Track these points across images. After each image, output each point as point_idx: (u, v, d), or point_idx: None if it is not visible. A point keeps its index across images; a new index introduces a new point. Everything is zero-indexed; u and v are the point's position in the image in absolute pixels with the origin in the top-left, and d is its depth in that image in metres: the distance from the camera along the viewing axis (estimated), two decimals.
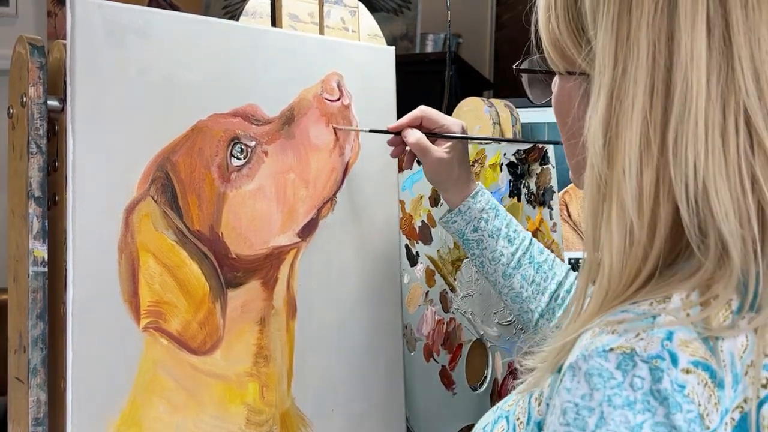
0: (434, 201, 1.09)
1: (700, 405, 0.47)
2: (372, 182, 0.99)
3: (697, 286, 0.51)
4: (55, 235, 0.76)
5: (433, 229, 1.09)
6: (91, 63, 0.76)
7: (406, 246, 1.08)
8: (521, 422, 0.55)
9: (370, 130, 0.96)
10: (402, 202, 1.06)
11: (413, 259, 1.08)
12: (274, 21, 0.95)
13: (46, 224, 0.75)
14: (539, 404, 0.55)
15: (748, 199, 0.51)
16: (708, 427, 0.47)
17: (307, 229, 0.92)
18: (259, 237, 0.87)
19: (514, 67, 0.71)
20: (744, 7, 0.51)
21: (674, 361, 0.48)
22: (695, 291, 0.51)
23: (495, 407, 0.62)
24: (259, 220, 0.87)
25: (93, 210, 0.75)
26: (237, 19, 0.92)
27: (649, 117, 0.52)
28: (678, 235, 0.53)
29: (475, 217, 0.92)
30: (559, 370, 0.53)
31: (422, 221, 1.09)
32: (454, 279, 1.09)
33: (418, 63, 2.21)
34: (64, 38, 0.75)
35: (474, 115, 1.18)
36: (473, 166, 1.11)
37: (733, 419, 0.48)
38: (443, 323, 1.09)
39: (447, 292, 1.10)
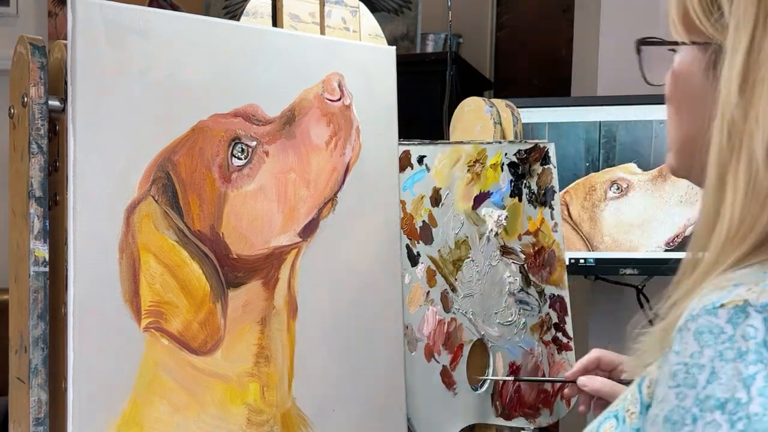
0: (435, 201, 1.09)
1: None
2: (373, 182, 0.99)
3: None
4: (56, 235, 0.76)
5: (434, 229, 1.09)
6: (91, 63, 0.76)
7: (407, 246, 1.08)
8: (632, 413, 0.54)
9: (545, 379, 0.92)
10: (403, 202, 1.06)
11: (414, 259, 1.08)
12: (275, 21, 0.95)
13: (47, 224, 0.75)
14: (649, 387, 0.54)
15: None
16: None
17: (308, 229, 0.92)
18: (259, 237, 0.87)
19: (636, 40, 0.72)
20: None
21: None
22: None
23: (600, 415, 0.61)
24: (260, 220, 0.87)
25: (94, 210, 0.75)
26: (238, 19, 0.92)
27: None
28: None
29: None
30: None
31: (423, 221, 1.09)
32: (455, 279, 1.09)
33: (419, 63, 2.21)
34: (65, 38, 0.75)
35: (475, 115, 1.18)
36: (474, 166, 1.11)
37: None
38: (444, 323, 1.09)
39: (448, 292, 1.09)
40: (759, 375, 0.46)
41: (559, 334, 1.17)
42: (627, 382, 0.91)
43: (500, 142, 1.14)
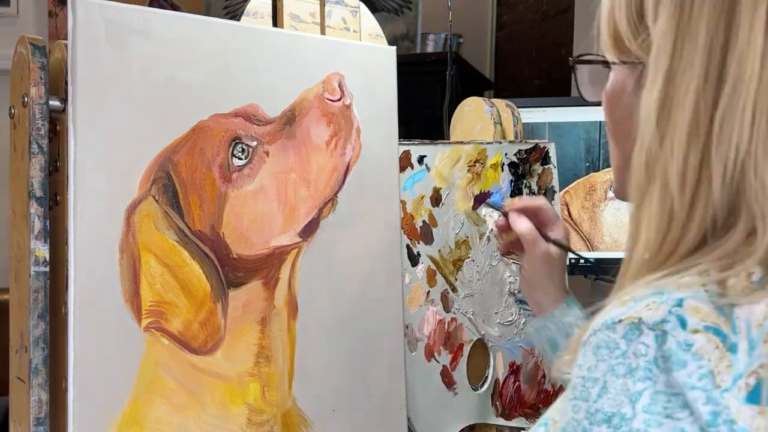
0: (435, 201, 1.09)
1: (710, 361, 0.47)
2: (373, 182, 0.99)
3: (718, 259, 0.51)
4: (56, 235, 0.76)
5: (434, 229, 1.09)
6: (92, 63, 0.76)
7: (407, 246, 1.08)
8: (555, 421, 0.56)
9: (487, 204, 0.94)
10: (403, 202, 1.06)
11: (414, 259, 1.08)
12: (275, 21, 0.95)
13: (48, 224, 0.75)
14: None
15: None
16: (719, 386, 0.46)
17: (309, 229, 0.92)
18: (260, 237, 0.87)
19: (570, 58, 0.72)
20: None
21: (683, 324, 0.47)
22: (716, 264, 0.51)
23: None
24: (260, 220, 0.87)
25: (94, 210, 0.75)
26: (238, 19, 0.92)
27: (701, 100, 0.54)
28: (714, 216, 0.54)
29: (569, 324, 0.90)
30: None
31: (423, 221, 1.09)
32: (456, 279, 1.09)
33: (419, 63, 2.22)
34: (65, 38, 0.75)
35: (475, 115, 1.18)
36: (474, 166, 1.11)
37: (747, 384, 0.47)
38: (444, 323, 1.09)
39: (448, 292, 1.10)
40: (646, 392, 0.47)
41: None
42: (553, 241, 0.91)
43: (500, 142, 1.14)
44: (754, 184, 0.52)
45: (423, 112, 1.91)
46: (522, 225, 0.92)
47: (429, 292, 1.08)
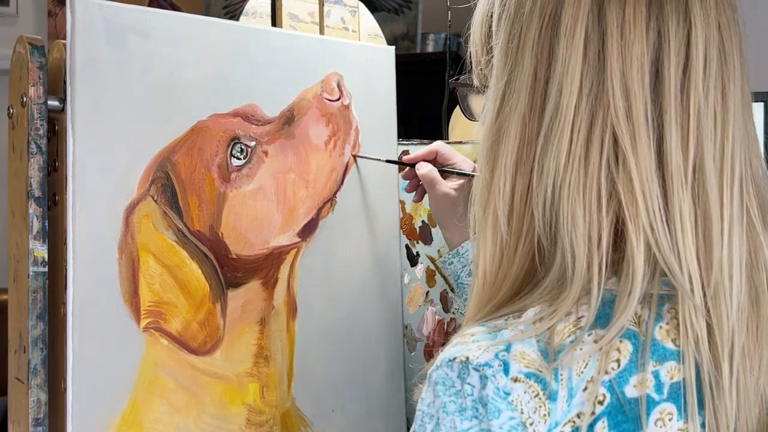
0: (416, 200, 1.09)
1: (523, 413, 0.48)
2: (372, 182, 0.99)
3: (546, 300, 0.52)
4: (55, 235, 0.76)
5: (433, 229, 1.09)
6: (91, 63, 0.76)
7: (407, 246, 1.08)
8: None
9: (387, 161, 0.97)
10: (402, 202, 1.06)
11: (413, 259, 1.08)
12: (275, 21, 0.95)
13: (46, 224, 0.75)
14: None
15: (602, 217, 0.51)
16: None
17: (308, 229, 0.92)
18: (259, 237, 0.87)
19: (450, 81, 0.74)
20: (620, 27, 0.52)
21: (506, 369, 0.49)
22: (545, 305, 0.52)
23: None
24: (259, 220, 0.87)
25: (93, 210, 0.75)
26: (237, 19, 0.92)
27: (526, 128, 0.54)
28: (539, 248, 0.54)
29: (472, 261, 0.91)
30: None
31: (422, 221, 1.09)
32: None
33: (419, 63, 2.21)
34: (65, 38, 0.75)
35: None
36: None
37: None
38: (444, 323, 1.09)
39: (447, 292, 1.09)
40: (472, 430, 0.49)
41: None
42: (448, 171, 0.93)
43: None
44: (567, 216, 0.52)
45: (423, 112, 1.90)
46: (422, 169, 0.93)
47: (428, 292, 1.08)
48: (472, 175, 0.92)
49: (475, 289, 0.57)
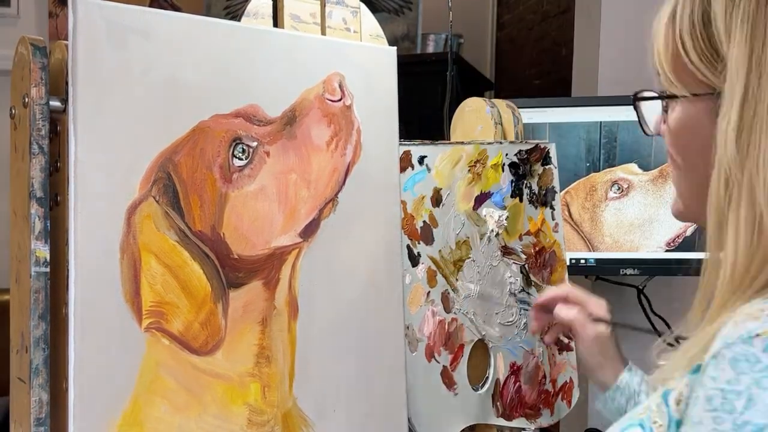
0: (436, 201, 1.09)
1: None
2: (374, 183, 0.99)
3: None
4: (57, 235, 0.76)
5: (434, 230, 1.09)
6: (92, 63, 0.76)
7: (408, 246, 1.08)
8: (660, 425, 0.57)
9: (520, 301, 0.98)
10: (404, 203, 1.06)
11: (415, 260, 1.08)
12: (276, 21, 0.95)
13: (48, 225, 0.75)
14: (678, 404, 0.56)
15: None
16: None
17: (309, 230, 0.92)
18: (260, 237, 0.87)
19: (632, 95, 0.74)
20: None
21: None
22: None
23: (621, 419, 0.63)
24: (260, 220, 0.87)
25: (95, 210, 0.75)
26: (238, 20, 0.92)
27: None
28: None
29: (635, 390, 0.92)
30: (697, 370, 0.54)
31: (424, 221, 1.09)
32: (456, 279, 1.09)
33: (420, 63, 2.21)
34: (66, 39, 0.75)
35: (476, 115, 1.18)
36: (474, 166, 1.11)
37: None
38: (445, 323, 1.09)
39: (449, 293, 1.09)
40: None
41: (560, 335, 1.17)
42: (598, 319, 0.94)
43: (501, 143, 1.14)
44: None
45: (424, 113, 1.91)
46: (569, 313, 0.95)
47: (429, 292, 1.08)
48: (615, 323, 0.93)
49: (725, 278, 0.57)
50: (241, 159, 0.86)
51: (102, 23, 0.76)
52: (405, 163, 1.06)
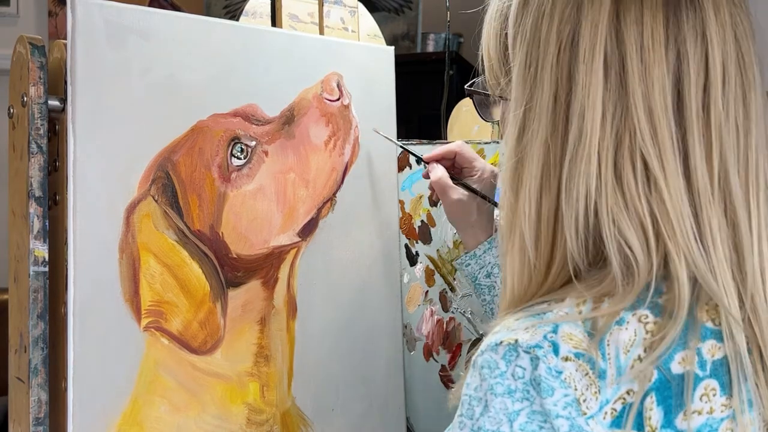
0: (434, 201, 1.09)
1: (576, 390, 0.49)
2: (372, 182, 0.99)
3: (592, 296, 0.53)
4: (55, 235, 0.76)
5: (432, 229, 1.09)
6: (91, 63, 0.76)
7: (406, 246, 1.08)
8: None
9: (402, 147, 0.97)
10: (402, 202, 1.06)
11: (413, 259, 1.08)
12: (274, 21, 0.95)
13: (47, 224, 0.75)
14: None
15: (648, 231, 0.52)
16: (585, 413, 0.49)
17: (308, 229, 0.92)
18: (259, 237, 0.87)
19: (465, 87, 0.75)
20: (639, 50, 0.53)
21: (555, 350, 0.50)
22: (589, 299, 0.53)
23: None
24: (259, 219, 0.87)
25: (94, 210, 0.75)
26: (237, 19, 0.92)
27: (549, 151, 0.55)
28: (575, 265, 0.55)
29: (489, 263, 0.91)
30: None
31: (422, 221, 1.09)
32: (454, 279, 1.10)
33: (420, 63, 2.21)
34: (65, 38, 0.75)
35: (473, 115, 1.18)
36: None
37: (614, 410, 0.50)
38: (443, 323, 1.09)
39: (446, 292, 1.10)
40: (523, 412, 0.50)
41: None
42: (461, 184, 0.92)
43: (498, 142, 1.14)
44: (612, 231, 0.53)
45: (424, 112, 1.91)
46: (433, 174, 0.93)
47: (427, 291, 1.08)
48: (475, 192, 0.92)
49: (502, 305, 0.58)
50: (240, 158, 0.86)
51: (101, 23, 0.76)
52: (403, 162, 1.06)
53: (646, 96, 0.52)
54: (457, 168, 0.94)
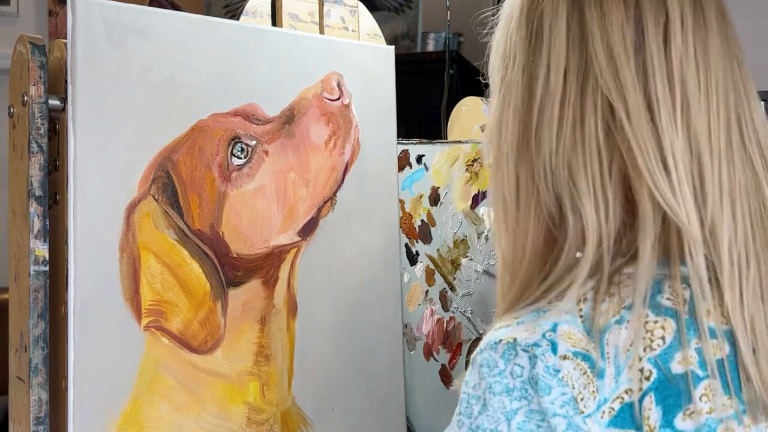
0: (434, 200, 1.09)
1: (574, 388, 0.49)
2: (372, 181, 0.99)
3: (565, 271, 0.55)
4: (56, 234, 0.76)
5: (432, 228, 1.09)
6: (92, 62, 0.76)
7: (406, 245, 1.08)
8: None
9: None
10: (402, 201, 1.06)
11: (413, 258, 1.08)
12: (275, 20, 0.95)
13: (47, 223, 0.75)
14: None
15: (605, 172, 0.54)
16: (582, 411, 0.49)
17: (308, 228, 0.92)
18: (259, 236, 0.87)
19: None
20: (599, 4, 0.56)
21: (554, 349, 0.50)
22: (590, 298, 0.53)
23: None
24: (259, 219, 0.87)
25: (94, 209, 0.75)
26: (238, 19, 0.92)
27: (521, 113, 0.58)
28: (549, 224, 0.57)
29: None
30: None
31: (422, 220, 1.09)
32: (454, 278, 1.10)
33: (420, 62, 2.21)
34: (65, 37, 0.75)
35: (473, 114, 1.18)
36: (472, 165, 1.11)
37: (612, 409, 0.50)
38: (443, 322, 1.09)
39: (447, 291, 1.10)
40: (520, 411, 0.50)
41: None
42: None
43: None
44: (567, 180, 0.55)
45: (424, 112, 1.90)
46: None
47: (427, 291, 1.08)
48: None
49: (499, 276, 0.60)
50: (240, 158, 0.86)
51: (101, 22, 0.76)
52: (403, 162, 1.06)
53: (605, 40, 0.55)
54: None
